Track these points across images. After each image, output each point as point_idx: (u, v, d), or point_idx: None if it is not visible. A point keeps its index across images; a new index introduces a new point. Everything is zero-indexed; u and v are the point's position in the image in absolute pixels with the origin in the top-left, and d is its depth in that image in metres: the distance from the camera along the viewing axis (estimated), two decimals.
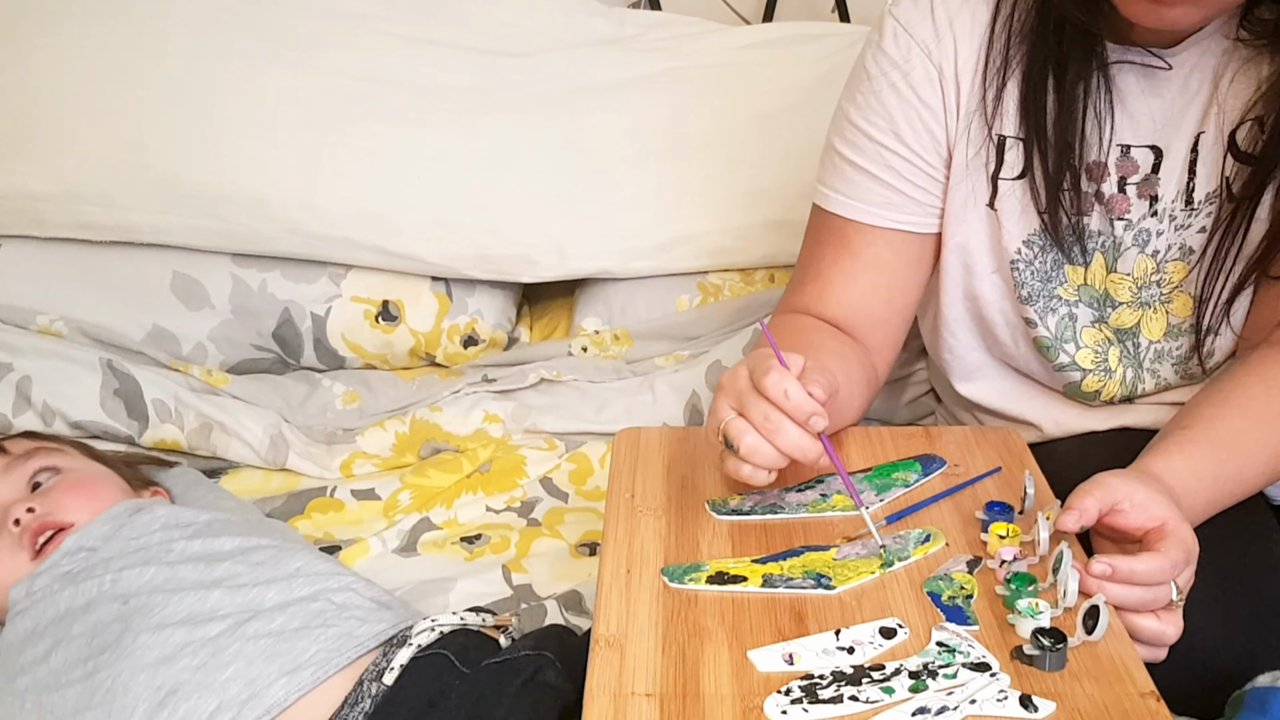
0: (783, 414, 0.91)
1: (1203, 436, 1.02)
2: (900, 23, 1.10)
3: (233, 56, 1.58)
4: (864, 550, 0.95)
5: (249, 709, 0.97)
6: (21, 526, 1.14)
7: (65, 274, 1.56)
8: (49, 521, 1.15)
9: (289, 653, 1.01)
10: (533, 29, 1.68)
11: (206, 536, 1.14)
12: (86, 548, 1.12)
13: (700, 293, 1.60)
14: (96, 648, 1.02)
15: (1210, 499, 1.01)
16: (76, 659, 1.02)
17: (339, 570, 1.13)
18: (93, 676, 0.99)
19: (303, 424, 1.50)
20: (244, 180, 1.53)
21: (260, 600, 1.06)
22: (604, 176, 1.58)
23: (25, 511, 1.15)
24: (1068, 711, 0.80)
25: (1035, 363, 1.20)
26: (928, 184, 1.13)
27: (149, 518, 1.15)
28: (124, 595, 1.06)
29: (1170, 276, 1.12)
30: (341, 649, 1.02)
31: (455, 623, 1.06)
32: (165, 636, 1.01)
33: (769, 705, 0.80)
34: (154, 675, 0.98)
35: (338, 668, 1.01)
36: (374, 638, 1.04)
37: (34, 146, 1.54)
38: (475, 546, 1.31)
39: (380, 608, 1.10)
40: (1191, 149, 1.07)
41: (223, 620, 1.03)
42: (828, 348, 1.11)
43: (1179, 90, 1.06)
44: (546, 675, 1.00)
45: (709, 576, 0.92)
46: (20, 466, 1.21)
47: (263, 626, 1.03)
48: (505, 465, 1.43)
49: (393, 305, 1.58)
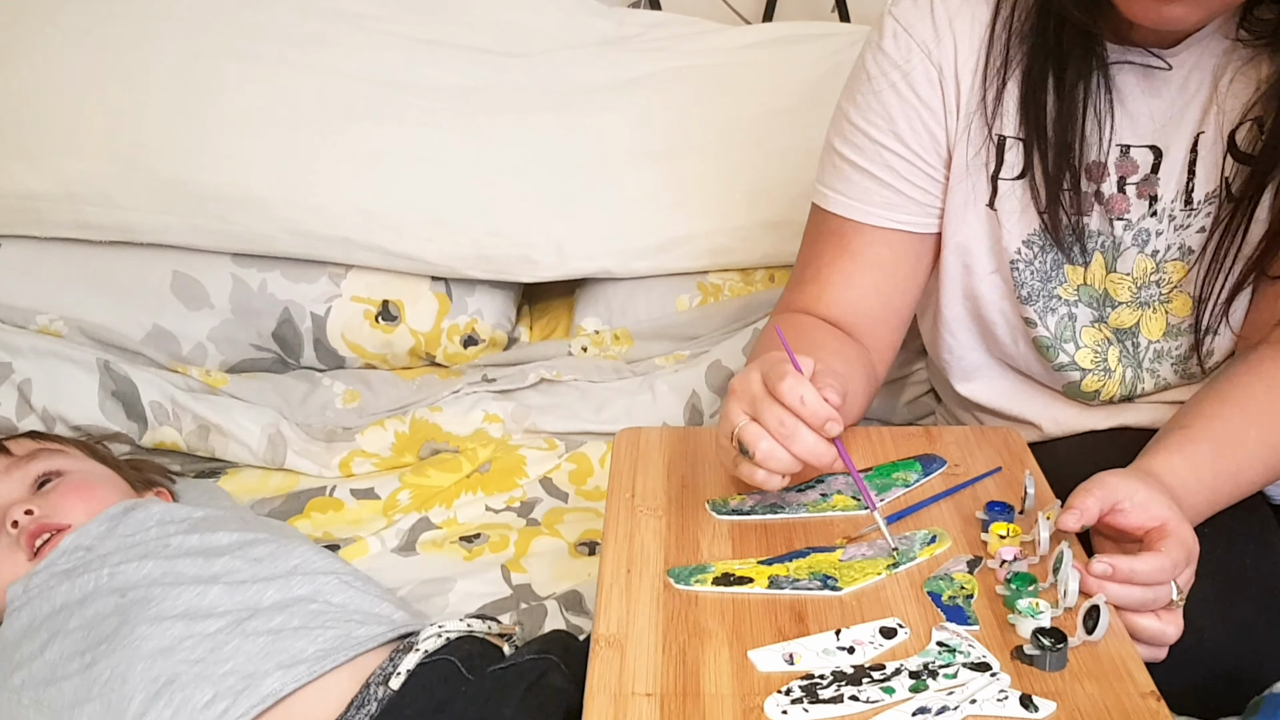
0: (798, 419, 0.91)
1: (1202, 436, 1.02)
2: (900, 23, 1.10)
3: (233, 56, 1.58)
4: (870, 551, 0.95)
5: (244, 698, 0.97)
6: (20, 528, 1.15)
7: (65, 274, 1.55)
8: (47, 524, 1.15)
9: (286, 650, 1.01)
10: (533, 29, 1.68)
11: (203, 531, 1.14)
12: (83, 546, 1.12)
13: (700, 292, 1.60)
14: (94, 640, 1.02)
15: (1210, 498, 1.01)
16: (74, 651, 1.02)
17: (336, 567, 1.13)
18: (91, 668, 0.99)
19: (302, 422, 1.49)
20: (244, 180, 1.53)
21: (259, 599, 1.06)
22: (604, 176, 1.58)
23: (24, 514, 1.15)
24: (1068, 711, 0.80)
25: (1035, 362, 1.20)
26: (927, 184, 1.13)
27: (144, 514, 1.16)
28: (122, 588, 1.06)
29: (1169, 276, 1.12)
30: (340, 648, 1.02)
31: (462, 629, 1.06)
32: (164, 629, 1.01)
33: (769, 705, 0.80)
34: (151, 666, 0.99)
35: (334, 664, 1.01)
36: (372, 639, 1.04)
37: (34, 146, 1.54)
38: (474, 546, 1.31)
39: (379, 604, 1.10)
40: (1191, 149, 1.07)
41: (222, 617, 1.03)
42: (830, 347, 1.11)
43: (1178, 90, 1.06)
44: (551, 678, 1.00)
45: (715, 578, 0.92)
46: (23, 468, 1.21)
47: (262, 625, 1.03)
48: (505, 465, 1.43)
49: (393, 305, 1.58)
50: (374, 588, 1.14)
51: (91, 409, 1.42)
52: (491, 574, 1.26)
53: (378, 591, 1.13)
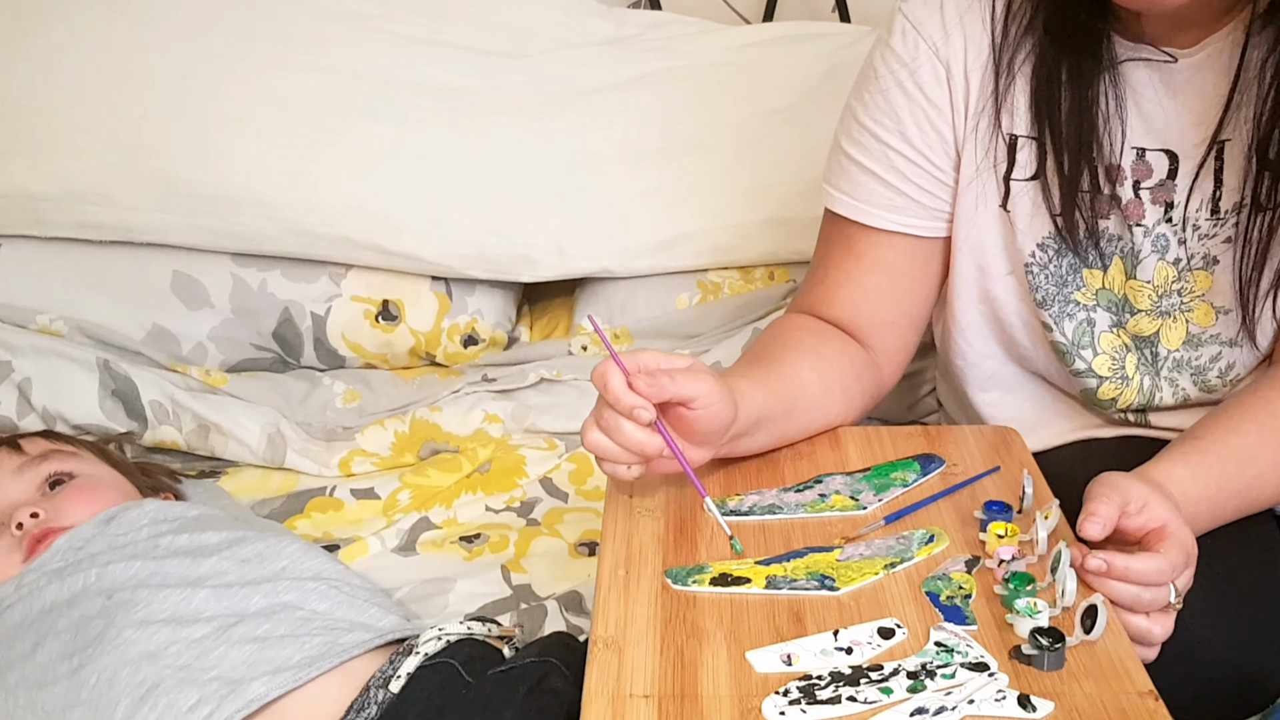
0: (615, 411, 0.92)
1: (1213, 449, 1.00)
2: (910, 19, 1.09)
3: (233, 56, 1.58)
4: (867, 551, 0.95)
5: (229, 702, 0.97)
6: (24, 531, 1.15)
7: (65, 273, 1.56)
8: (50, 528, 1.15)
9: (273, 659, 1.01)
10: (533, 29, 1.68)
11: (194, 530, 1.14)
12: (74, 546, 1.12)
13: (700, 291, 1.60)
14: (81, 643, 1.02)
15: (1213, 512, 0.99)
16: (62, 654, 1.02)
17: (325, 570, 1.13)
18: (78, 673, 1.00)
19: (302, 421, 1.50)
20: (244, 180, 1.53)
21: (245, 604, 1.06)
22: (604, 175, 1.59)
23: (29, 516, 1.15)
24: (1066, 711, 0.80)
25: (1053, 366, 1.17)
26: (934, 187, 1.12)
27: (137, 513, 1.16)
28: (108, 590, 1.06)
29: (1192, 286, 1.10)
30: (325, 655, 1.02)
31: (462, 632, 1.06)
32: (149, 634, 1.01)
33: (767, 706, 0.80)
34: (137, 670, 0.99)
35: (320, 671, 1.01)
36: (359, 645, 1.04)
37: (34, 146, 1.54)
38: (474, 546, 1.31)
39: (367, 610, 1.10)
40: (1216, 156, 1.05)
41: (208, 623, 1.03)
42: (804, 346, 1.10)
43: (1196, 94, 1.03)
44: (552, 681, 1.00)
45: (712, 578, 0.92)
46: (35, 468, 1.21)
47: (248, 631, 1.03)
48: (505, 465, 1.43)
49: (393, 305, 1.58)
50: (364, 592, 1.14)
51: (91, 408, 1.43)
52: (491, 574, 1.26)
53: (367, 595, 1.13)
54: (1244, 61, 1.01)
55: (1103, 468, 0.96)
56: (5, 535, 1.15)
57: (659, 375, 0.93)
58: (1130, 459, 1.01)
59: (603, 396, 0.93)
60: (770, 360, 1.09)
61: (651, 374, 0.93)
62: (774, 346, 1.12)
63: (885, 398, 1.21)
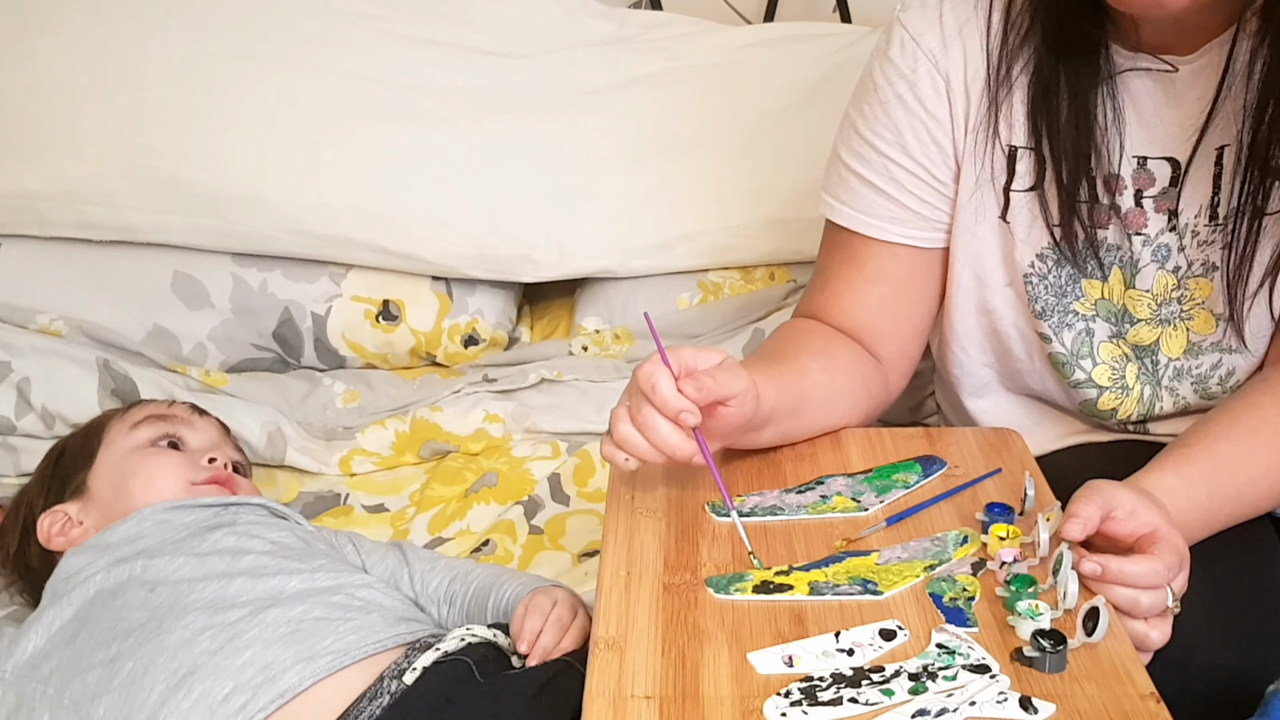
0: (654, 408, 0.92)
1: (1203, 457, 1.00)
2: (908, 30, 1.08)
3: (233, 56, 1.58)
4: (905, 554, 0.94)
5: (263, 692, 0.98)
6: (214, 465, 1.22)
7: (65, 273, 1.56)
8: (235, 483, 1.23)
9: (306, 641, 1.02)
10: (533, 29, 1.68)
11: (243, 536, 1.15)
12: (130, 537, 1.15)
13: (700, 291, 1.60)
14: (120, 632, 1.03)
15: (1205, 519, 0.99)
16: (100, 642, 1.03)
17: (367, 577, 1.15)
18: (114, 661, 1.01)
19: (302, 421, 1.50)
20: (245, 180, 1.53)
21: (281, 588, 1.07)
22: (604, 176, 1.59)
23: (228, 464, 1.25)
24: (1068, 713, 0.80)
25: (1051, 380, 1.17)
26: (934, 199, 1.11)
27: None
28: (152, 582, 1.08)
29: (1192, 293, 1.09)
30: (360, 643, 1.03)
31: (487, 635, 1.07)
32: (187, 622, 1.03)
33: (768, 707, 0.80)
34: (173, 658, 1.00)
35: (353, 659, 1.02)
36: (393, 638, 1.05)
37: (34, 146, 1.54)
38: (481, 554, 1.31)
39: (405, 607, 1.12)
40: (1215, 162, 1.04)
41: (243, 607, 1.04)
42: (815, 348, 1.11)
43: (1196, 100, 1.03)
44: (564, 679, 1.00)
45: (754, 586, 0.91)
46: (229, 442, 1.32)
47: (282, 614, 1.04)
48: (512, 481, 1.43)
49: (393, 305, 1.58)
50: (400, 594, 1.15)
51: (91, 408, 1.43)
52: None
53: (401, 597, 1.14)
54: (1230, 66, 1.00)
55: (1101, 472, 0.96)
56: (195, 456, 1.22)
57: (701, 377, 0.93)
58: (1129, 463, 1.01)
59: (648, 396, 0.92)
60: (783, 358, 1.09)
61: (695, 376, 0.92)
62: (786, 346, 1.12)
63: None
